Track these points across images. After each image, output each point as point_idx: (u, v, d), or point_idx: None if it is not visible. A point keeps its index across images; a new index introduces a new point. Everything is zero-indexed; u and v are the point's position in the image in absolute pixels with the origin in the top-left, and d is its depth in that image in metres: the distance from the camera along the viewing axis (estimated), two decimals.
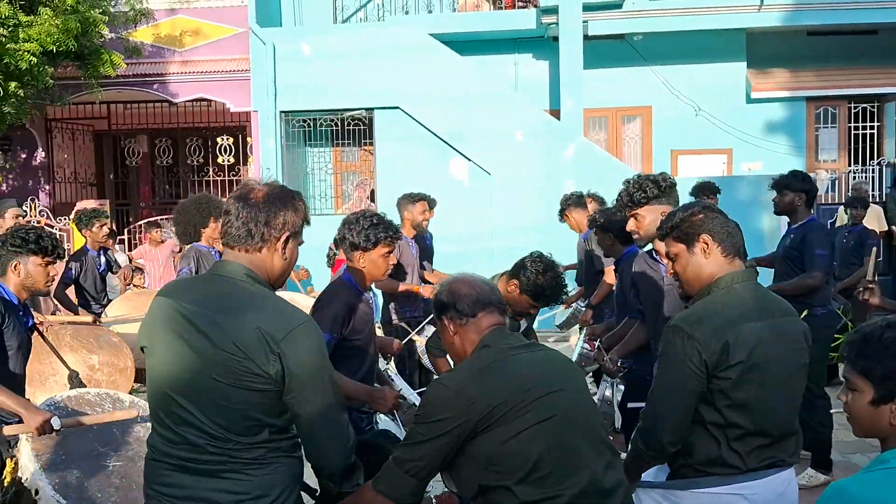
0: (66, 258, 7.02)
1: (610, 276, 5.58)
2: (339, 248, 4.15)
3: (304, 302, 5.57)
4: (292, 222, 2.24)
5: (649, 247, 3.84)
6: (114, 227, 12.59)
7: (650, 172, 3.95)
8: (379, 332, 5.24)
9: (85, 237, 7.16)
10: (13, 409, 3.30)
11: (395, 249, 3.58)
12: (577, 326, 6.21)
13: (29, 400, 3.42)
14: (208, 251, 5.36)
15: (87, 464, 3.34)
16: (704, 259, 2.58)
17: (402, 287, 5.98)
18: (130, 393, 4.63)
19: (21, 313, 3.66)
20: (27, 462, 3.24)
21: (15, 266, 3.59)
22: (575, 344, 5.34)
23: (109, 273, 7.37)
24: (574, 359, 4.93)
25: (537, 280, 3.68)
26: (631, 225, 3.70)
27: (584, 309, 6.28)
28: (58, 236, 10.98)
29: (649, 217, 3.58)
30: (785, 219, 5.71)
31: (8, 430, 3.29)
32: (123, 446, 3.46)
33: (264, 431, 2.12)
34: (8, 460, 3.35)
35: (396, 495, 2.31)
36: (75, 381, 3.97)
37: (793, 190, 5.23)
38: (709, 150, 12.57)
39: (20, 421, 3.28)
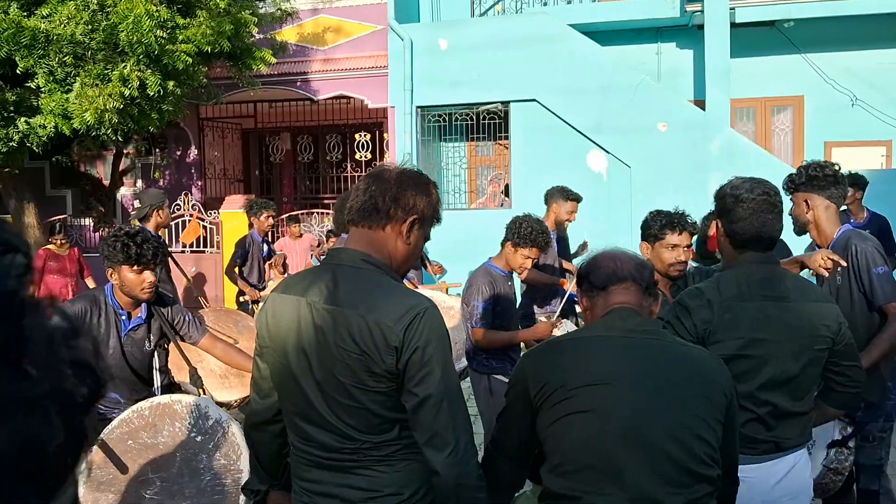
0: (237, 241, 7.91)
1: None
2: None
3: (439, 298, 5.48)
4: (422, 207, 2.12)
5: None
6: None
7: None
8: None
9: (252, 224, 7.94)
10: None
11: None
12: None
13: None
14: None
15: (128, 489, 3.20)
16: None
17: (547, 279, 5.95)
18: None
19: (123, 317, 3.64)
20: (82, 471, 3.15)
21: (111, 273, 3.56)
22: None
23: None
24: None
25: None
26: (792, 209, 3.55)
27: None
28: (208, 229, 11.49)
29: (797, 204, 3.51)
30: None
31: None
32: (174, 481, 3.25)
33: (395, 429, 2.02)
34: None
35: (493, 482, 2.16)
36: (194, 377, 3.95)
37: None
38: (866, 141, 11.73)
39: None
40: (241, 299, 7.68)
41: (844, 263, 3.28)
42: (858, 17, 11.08)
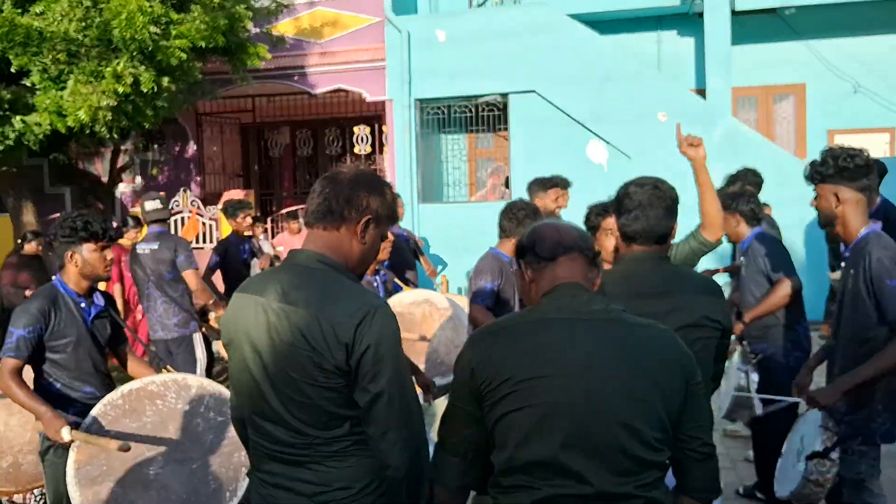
0: (214, 246, 7.42)
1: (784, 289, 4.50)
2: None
3: (437, 300, 5.36)
4: (376, 207, 2.17)
5: None
6: (258, 216, 13.04)
7: (806, 153, 3.54)
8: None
9: (231, 226, 7.57)
10: (34, 411, 3.29)
11: None
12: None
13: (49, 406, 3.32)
14: None
15: (128, 473, 3.21)
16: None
17: None
18: None
19: (83, 305, 3.63)
20: (69, 475, 3.17)
21: (71, 256, 3.57)
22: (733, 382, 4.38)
23: (254, 260, 7.70)
24: (725, 408, 4.33)
25: None
26: (812, 201, 3.37)
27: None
28: (208, 225, 11.41)
29: (824, 197, 3.24)
30: None
31: (75, 436, 3.22)
32: (175, 450, 3.29)
33: (345, 424, 2.07)
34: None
35: (444, 480, 2.16)
36: (155, 359, 3.96)
37: None
38: (869, 129, 11.63)
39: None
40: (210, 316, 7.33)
41: None
42: (861, 3, 10.99)
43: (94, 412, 3.36)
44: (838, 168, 3.16)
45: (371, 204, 2.17)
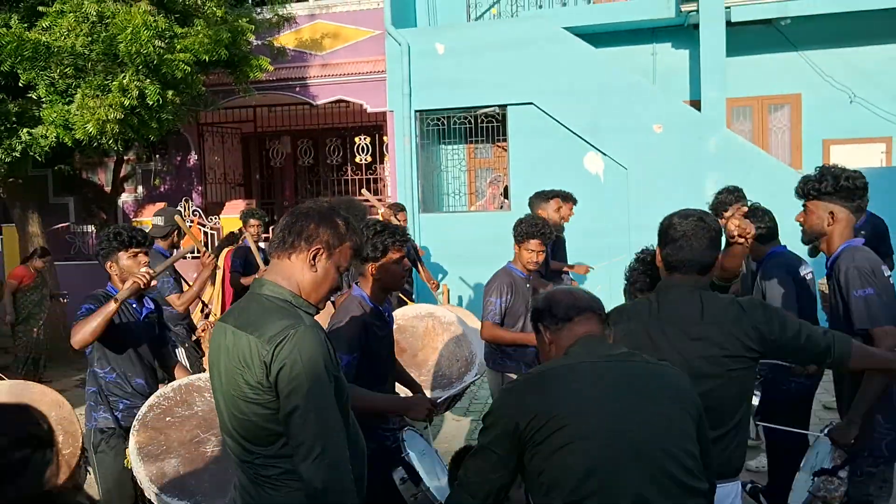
0: (234, 252, 7.89)
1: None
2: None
3: (441, 314, 5.45)
4: (325, 238, 2.31)
5: None
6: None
7: (801, 164, 3.63)
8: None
9: (244, 232, 7.94)
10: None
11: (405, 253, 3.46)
12: None
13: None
14: None
15: (186, 451, 3.56)
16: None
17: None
18: None
19: (134, 306, 3.97)
20: (132, 454, 3.50)
21: (110, 265, 3.93)
22: None
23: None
24: None
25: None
26: (799, 216, 3.44)
27: None
28: (208, 233, 11.48)
29: (816, 213, 3.32)
30: None
31: None
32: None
33: (279, 441, 2.21)
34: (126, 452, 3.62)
35: None
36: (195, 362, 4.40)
37: None
38: (865, 138, 11.75)
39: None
40: None
41: None
42: (855, 13, 11.11)
43: (149, 402, 3.68)
44: (839, 187, 3.23)
45: (321, 235, 2.31)
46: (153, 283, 4.38)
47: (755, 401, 4.35)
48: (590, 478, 2.01)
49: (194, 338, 6.59)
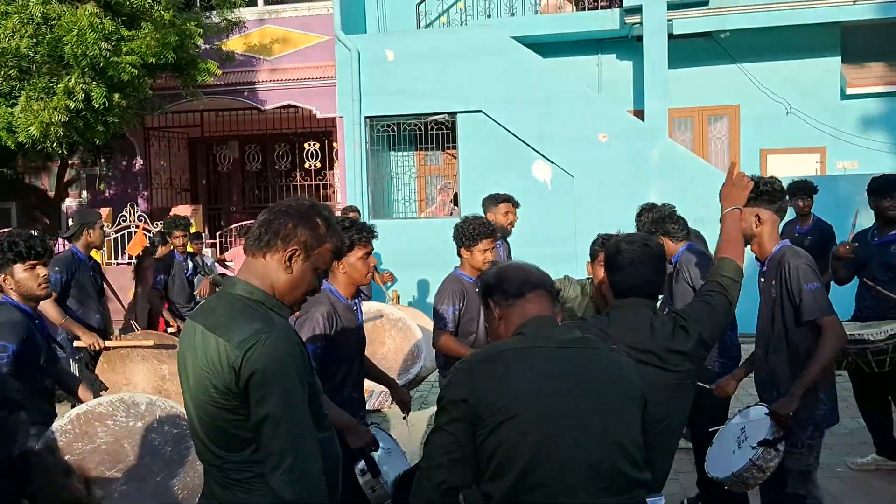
0: (157, 263, 7.52)
1: None
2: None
3: (389, 311, 5.58)
4: (303, 239, 2.21)
5: None
6: (206, 231, 13.08)
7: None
8: None
9: (170, 244, 7.63)
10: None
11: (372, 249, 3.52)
12: None
13: None
14: None
15: (91, 496, 3.22)
16: None
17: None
18: None
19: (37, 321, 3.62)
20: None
21: (4, 279, 3.53)
22: None
23: (198, 277, 7.78)
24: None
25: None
26: None
27: None
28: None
29: (745, 218, 3.47)
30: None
31: None
32: (133, 466, 3.31)
33: (248, 448, 2.12)
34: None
35: None
36: (96, 384, 3.93)
37: None
38: (801, 149, 12.17)
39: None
40: (169, 331, 7.10)
41: None
42: (792, 28, 11.52)
43: (44, 439, 3.27)
44: (759, 192, 3.49)
45: (298, 235, 2.21)
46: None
47: None
48: (536, 469, 2.00)
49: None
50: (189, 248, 7.80)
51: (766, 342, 3.64)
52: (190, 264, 7.59)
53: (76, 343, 5.52)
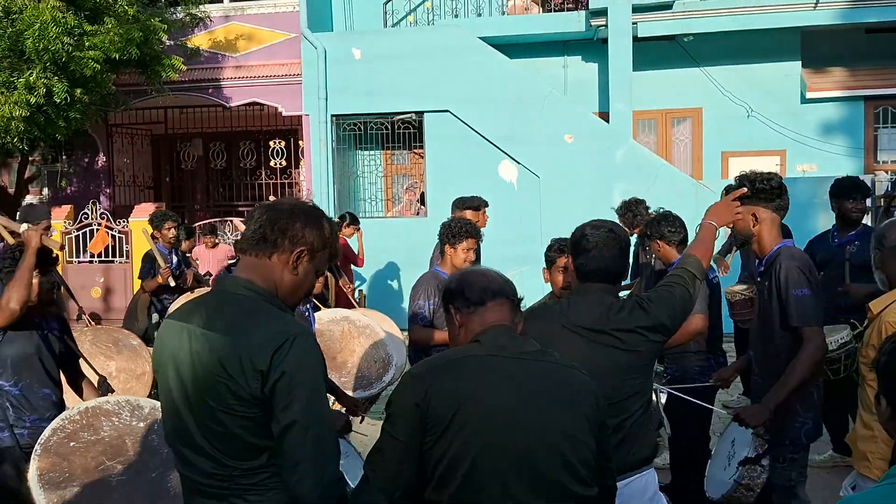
0: (143, 256, 7.53)
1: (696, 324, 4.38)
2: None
3: (356, 318, 5.59)
4: (312, 239, 2.16)
5: None
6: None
7: (702, 175, 3.83)
8: None
9: (156, 237, 7.57)
10: None
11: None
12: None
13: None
14: None
15: (90, 479, 3.34)
16: None
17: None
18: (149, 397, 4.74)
19: (37, 319, 3.81)
20: (32, 481, 3.31)
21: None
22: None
23: (181, 272, 7.74)
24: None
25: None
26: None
27: None
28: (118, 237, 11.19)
29: (742, 217, 3.46)
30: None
31: None
32: (133, 459, 3.46)
33: (263, 455, 2.03)
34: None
35: None
36: (104, 386, 4.06)
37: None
38: (761, 151, 12.39)
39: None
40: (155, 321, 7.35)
41: None
42: (754, 32, 11.72)
43: (53, 424, 3.44)
44: (756, 190, 3.40)
45: (307, 235, 2.15)
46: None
47: (663, 398, 4.60)
48: (476, 481, 1.99)
49: None
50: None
51: (760, 344, 3.58)
52: (175, 259, 7.56)
53: None
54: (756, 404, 3.35)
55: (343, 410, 3.85)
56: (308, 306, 3.62)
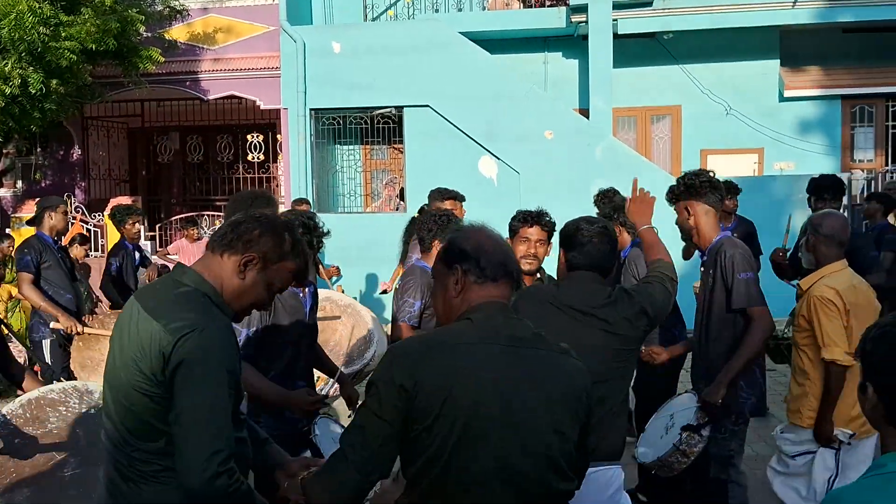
0: (110, 251, 7.30)
1: None
2: None
3: (337, 297, 5.63)
4: (265, 249, 2.18)
5: None
6: (145, 224, 12.79)
7: (681, 172, 4.01)
8: None
9: (121, 233, 7.37)
10: None
11: None
12: None
13: None
14: None
15: (42, 479, 3.19)
16: None
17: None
18: None
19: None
20: None
21: None
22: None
23: (141, 268, 7.55)
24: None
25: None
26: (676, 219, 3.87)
27: None
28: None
29: (679, 213, 3.79)
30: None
31: None
32: (85, 450, 3.28)
33: (161, 440, 2.06)
34: None
35: (332, 495, 1.99)
36: (48, 373, 3.90)
37: None
38: (739, 149, 12.48)
39: None
40: None
41: None
42: (733, 30, 11.79)
43: None
44: (686, 186, 3.71)
45: (262, 244, 2.18)
46: None
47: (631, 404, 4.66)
48: (455, 472, 1.92)
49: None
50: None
51: (703, 330, 3.77)
52: (137, 255, 7.38)
53: (53, 325, 5.67)
54: (711, 385, 3.55)
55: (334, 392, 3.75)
56: (308, 290, 3.51)
